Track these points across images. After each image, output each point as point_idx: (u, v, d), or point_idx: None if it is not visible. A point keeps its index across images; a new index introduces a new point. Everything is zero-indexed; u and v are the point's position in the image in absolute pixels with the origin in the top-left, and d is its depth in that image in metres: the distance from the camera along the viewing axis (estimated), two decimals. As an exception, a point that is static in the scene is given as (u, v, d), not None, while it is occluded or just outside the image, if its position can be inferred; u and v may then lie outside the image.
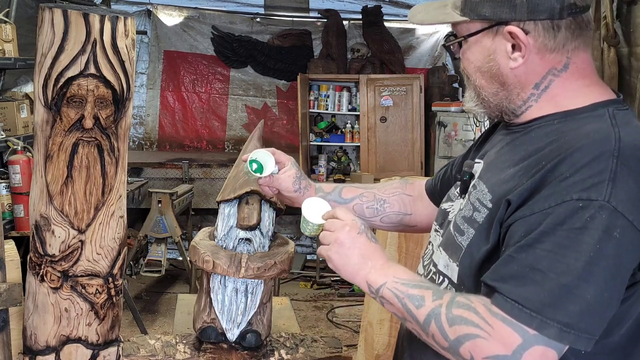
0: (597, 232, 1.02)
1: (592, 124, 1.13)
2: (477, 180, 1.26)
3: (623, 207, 1.02)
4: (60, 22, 1.67)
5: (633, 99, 3.27)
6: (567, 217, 1.03)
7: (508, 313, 1.05)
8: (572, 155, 1.07)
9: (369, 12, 6.85)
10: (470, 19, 1.20)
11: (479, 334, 1.06)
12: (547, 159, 1.10)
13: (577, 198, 1.03)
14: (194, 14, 7.26)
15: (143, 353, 2.03)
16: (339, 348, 2.14)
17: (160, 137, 7.29)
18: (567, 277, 1.02)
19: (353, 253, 1.26)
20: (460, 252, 1.21)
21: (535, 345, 1.03)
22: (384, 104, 6.25)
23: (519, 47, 1.17)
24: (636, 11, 3.29)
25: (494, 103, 1.25)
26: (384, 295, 1.20)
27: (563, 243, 1.03)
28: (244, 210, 2.01)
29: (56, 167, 1.78)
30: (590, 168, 1.05)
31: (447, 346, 1.11)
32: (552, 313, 1.02)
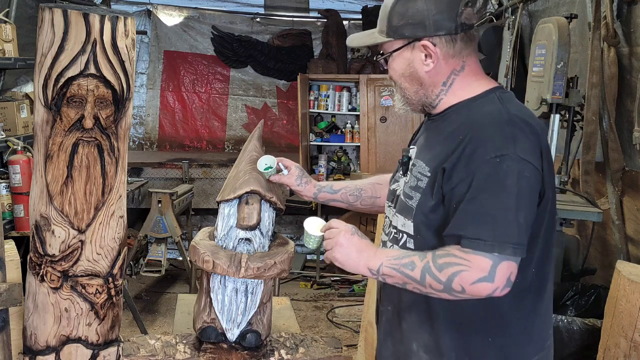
0: (514, 175, 1.43)
1: (488, 106, 1.57)
2: (414, 160, 1.66)
3: (525, 155, 1.45)
4: (60, 22, 1.67)
5: (633, 98, 3.26)
6: (492, 170, 1.44)
7: (476, 248, 1.43)
8: (481, 129, 1.50)
9: (369, 12, 6.85)
10: (395, 39, 1.62)
11: (462, 269, 1.44)
12: (464, 134, 1.51)
13: (494, 156, 1.45)
14: (194, 14, 7.26)
15: (143, 353, 2.03)
16: (339, 348, 2.14)
17: (160, 137, 7.29)
18: (506, 211, 1.43)
19: (351, 250, 1.59)
20: (412, 212, 1.59)
21: (501, 263, 1.43)
22: (384, 104, 6.25)
23: (430, 56, 1.60)
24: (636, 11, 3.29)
25: (415, 100, 1.66)
26: (384, 272, 1.54)
27: (495, 189, 1.44)
28: (244, 210, 2.01)
29: (56, 167, 1.78)
30: (496, 134, 1.47)
31: (442, 288, 1.46)
32: (505, 238, 1.42)
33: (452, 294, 1.46)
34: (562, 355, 2.86)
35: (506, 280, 1.43)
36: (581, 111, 3.56)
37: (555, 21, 3.36)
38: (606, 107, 3.46)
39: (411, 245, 1.61)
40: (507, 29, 5.08)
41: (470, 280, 1.43)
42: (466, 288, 1.44)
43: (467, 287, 1.44)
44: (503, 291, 1.44)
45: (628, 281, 2.49)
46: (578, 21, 3.72)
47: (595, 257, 3.83)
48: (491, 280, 1.42)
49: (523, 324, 1.59)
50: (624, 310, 2.49)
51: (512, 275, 1.44)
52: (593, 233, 3.62)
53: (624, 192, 3.49)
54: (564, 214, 3.16)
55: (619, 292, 2.53)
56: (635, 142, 3.18)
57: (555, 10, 4.37)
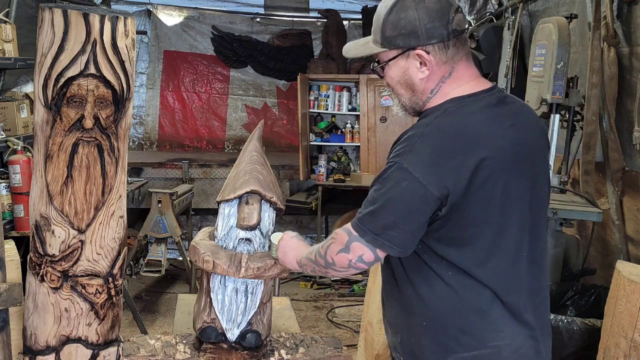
0: (392, 181, 1.59)
1: (429, 116, 1.67)
2: None
3: (412, 168, 1.56)
4: (60, 22, 1.67)
5: (633, 99, 3.26)
6: (384, 171, 1.61)
7: (352, 225, 1.64)
8: (404, 136, 1.65)
9: (369, 12, 6.85)
10: (389, 49, 1.68)
11: (331, 242, 1.69)
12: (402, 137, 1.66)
13: (389, 161, 1.61)
14: (194, 14, 7.26)
15: (143, 353, 2.03)
16: (339, 348, 2.14)
17: (160, 137, 7.29)
18: (375, 206, 1.60)
19: (287, 248, 1.88)
20: None
21: (355, 242, 1.63)
22: (384, 104, 6.24)
23: (425, 63, 1.66)
24: (636, 11, 3.29)
25: (409, 105, 1.75)
26: (302, 262, 1.80)
27: (376, 186, 1.62)
28: (244, 210, 2.01)
29: (56, 167, 1.78)
30: (403, 143, 1.62)
31: (324, 263, 1.70)
32: (368, 225, 1.61)
33: (331, 267, 1.68)
34: (562, 355, 2.86)
35: (358, 257, 1.63)
36: (581, 111, 3.56)
37: (555, 21, 3.36)
38: (606, 107, 3.46)
39: None
40: (507, 29, 5.08)
41: (335, 251, 1.66)
42: (334, 259, 1.66)
43: (334, 257, 1.66)
44: (357, 264, 1.65)
45: (628, 281, 2.49)
46: (578, 21, 3.72)
47: (595, 257, 3.83)
48: (347, 251, 1.64)
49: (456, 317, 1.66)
50: (624, 310, 2.49)
51: (364, 256, 1.63)
52: (593, 233, 3.62)
53: (624, 192, 3.49)
54: (564, 214, 3.15)
55: (619, 292, 2.53)
56: (635, 142, 3.18)
57: (555, 10, 4.37)
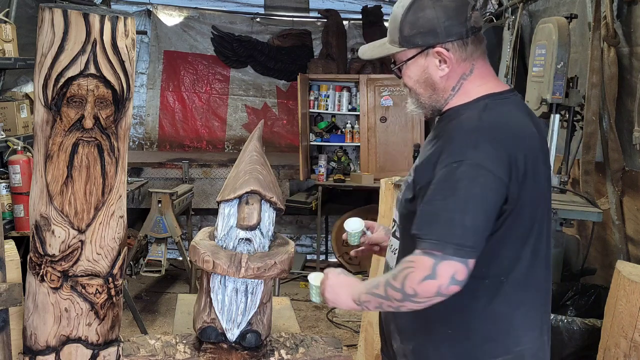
0: (467, 180, 1.50)
1: (469, 112, 1.63)
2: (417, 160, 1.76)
3: (484, 162, 1.51)
4: (60, 22, 1.67)
5: (633, 99, 3.26)
6: (448, 175, 1.52)
7: (425, 248, 1.51)
8: (451, 136, 1.59)
9: (369, 12, 6.84)
10: (408, 48, 1.67)
11: (409, 271, 1.52)
12: (440, 140, 1.62)
13: (453, 161, 1.53)
14: (194, 14, 7.25)
15: (143, 353, 2.03)
16: (339, 348, 2.14)
17: (160, 137, 7.28)
18: (452, 213, 1.50)
19: (337, 288, 1.70)
20: (399, 202, 1.73)
21: (442, 261, 1.48)
22: (384, 104, 6.24)
23: (445, 61, 1.65)
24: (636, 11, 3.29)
25: (428, 104, 1.72)
26: (362, 300, 1.62)
27: (446, 192, 1.52)
28: (244, 210, 2.01)
29: (56, 167, 1.78)
30: (460, 141, 1.56)
31: (401, 296, 1.53)
32: (447, 238, 1.49)
33: (410, 299, 1.52)
34: (562, 355, 2.86)
35: (449, 279, 1.49)
36: (581, 111, 3.56)
37: (555, 21, 3.36)
38: (606, 107, 3.46)
39: (398, 234, 1.75)
40: (507, 29, 5.08)
41: (417, 280, 1.50)
42: (416, 289, 1.50)
43: (416, 287, 1.50)
44: (449, 288, 1.50)
45: (628, 281, 2.49)
46: (578, 21, 3.72)
47: (595, 257, 3.83)
48: (434, 277, 1.49)
49: (482, 325, 1.63)
50: (624, 310, 2.49)
51: (457, 274, 1.49)
52: (593, 233, 3.62)
53: (624, 192, 3.49)
54: (564, 214, 3.15)
55: (619, 292, 2.53)
56: (635, 142, 3.18)
57: (555, 10, 4.37)
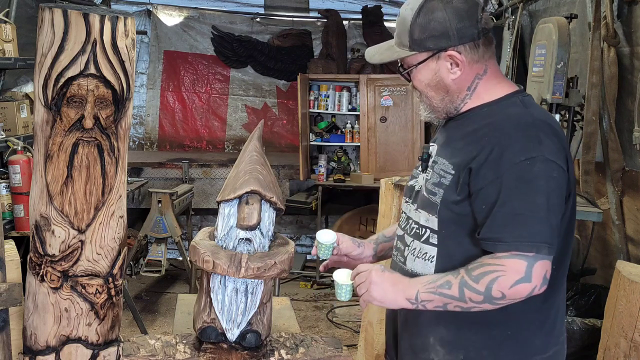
0: (544, 177, 1.49)
1: (511, 108, 1.62)
2: (435, 158, 1.70)
3: (552, 156, 1.51)
4: (60, 22, 1.67)
5: (633, 98, 3.26)
6: (523, 173, 1.49)
7: (513, 251, 1.48)
8: (507, 132, 1.54)
9: (369, 12, 6.84)
10: (419, 52, 1.64)
11: (499, 274, 1.48)
12: (488, 135, 1.56)
13: (524, 159, 1.49)
14: (194, 14, 7.26)
15: (143, 353, 2.03)
16: (339, 348, 2.14)
17: (160, 137, 7.29)
18: (539, 212, 1.48)
19: (386, 286, 1.62)
20: (437, 207, 1.63)
21: (536, 262, 1.48)
22: (384, 104, 6.24)
23: (457, 64, 1.63)
24: (636, 11, 3.29)
25: (441, 107, 1.69)
26: (422, 298, 1.57)
27: (528, 191, 1.49)
28: (244, 210, 2.01)
29: (56, 167, 1.78)
30: (523, 137, 1.52)
31: (482, 298, 1.50)
32: (539, 238, 1.47)
33: (493, 302, 1.50)
34: (562, 355, 2.86)
35: (542, 279, 1.50)
36: (581, 111, 3.56)
37: (555, 21, 3.36)
38: (606, 107, 3.46)
39: (434, 241, 1.65)
40: (507, 29, 5.08)
41: (509, 284, 1.48)
42: (505, 292, 1.49)
43: (506, 291, 1.48)
44: (541, 289, 1.50)
45: (628, 281, 2.49)
46: (578, 21, 3.72)
47: (595, 257, 3.83)
48: (528, 280, 1.48)
49: (540, 318, 1.64)
50: (624, 310, 2.49)
51: (547, 273, 1.50)
52: (593, 233, 3.62)
53: (624, 192, 3.49)
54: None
55: (619, 292, 2.53)
56: (635, 142, 3.18)
57: (556, 10, 4.37)
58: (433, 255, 1.65)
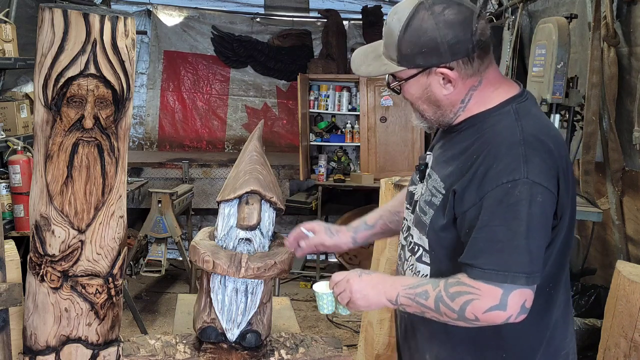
0: (526, 201, 1.40)
1: (502, 122, 1.52)
2: (430, 170, 1.65)
3: (538, 178, 1.41)
4: (60, 22, 1.67)
5: (633, 99, 3.26)
6: (504, 196, 1.41)
7: (487, 279, 1.42)
8: (494, 150, 1.46)
9: (369, 12, 6.84)
10: (408, 68, 1.54)
11: (473, 297, 1.44)
12: (476, 154, 1.48)
13: (506, 181, 1.41)
14: (194, 14, 7.26)
15: (143, 353, 2.03)
16: (339, 348, 2.14)
17: (160, 137, 7.29)
18: (517, 239, 1.40)
19: (367, 290, 1.58)
20: (426, 228, 1.58)
21: (513, 291, 1.41)
22: (384, 104, 6.24)
23: (449, 80, 1.53)
24: (636, 11, 3.29)
25: (434, 119, 1.62)
26: (401, 302, 1.54)
27: (506, 216, 1.41)
28: (244, 210, 2.01)
29: (56, 167, 1.78)
30: (508, 156, 1.43)
31: (456, 316, 1.46)
32: (516, 268, 1.40)
33: (467, 322, 1.47)
34: (562, 355, 2.85)
35: (520, 308, 1.43)
36: (581, 111, 3.56)
37: (555, 21, 3.36)
38: (606, 107, 3.46)
39: (427, 259, 1.61)
40: (507, 29, 5.08)
41: (482, 309, 1.43)
42: (479, 317, 1.44)
43: (479, 315, 1.44)
44: (518, 318, 1.44)
45: (628, 281, 2.49)
46: (578, 21, 3.72)
47: (595, 257, 3.83)
48: (503, 308, 1.42)
49: (537, 337, 1.59)
50: (624, 310, 2.49)
51: (526, 302, 1.43)
52: (593, 233, 3.62)
53: (624, 192, 3.49)
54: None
55: (619, 292, 2.53)
56: (635, 142, 3.17)
57: (555, 10, 4.37)
58: (426, 274, 1.61)
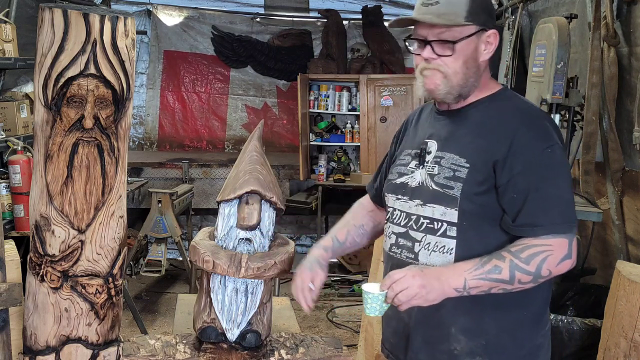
0: (563, 162, 1.64)
1: (513, 101, 1.71)
2: (439, 153, 1.71)
3: (561, 143, 1.65)
4: (60, 22, 1.67)
5: (633, 99, 3.26)
6: (548, 160, 1.60)
7: (555, 232, 1.58)
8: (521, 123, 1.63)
9: (369, 12, 6.84)
10: (473, 24, 1.65)
11: (547, 254, 1.57)
12: (503, 127, 1.63)
13: (546, 147, 1.60)
14: (194, 14, 7.25)
15: (143, 353, 2.03)
16: (339, 348, 2.14)
17: (160, 137, 7.28)
18: (566, 195, 1.61)
19: (433, 283, 1.59)
20: (457, 200, 1.64)
21: (572, 239, 1.60)
22: (384, 104, 6.24)
23: (489, 45, 1.69)
24: (636, 11, 3.28)
25: (461, 85, 1.68)
26: (471, 286, 1.59)
27: (554, 177, 1.60)
28: (244, 210, 2.01)
29: (56, 167, 1.78)
30: (540, 127, 1.64)
31: (530, 278, 1.58)
32: (570, 218, 1.60)
33: (539, 280, 1.59)
34: (562, 355, 2.86)
35: (575, 254, 1.61)
36: (581, 111, 3.56)
37: (555, 21, 3.36)
38: (606, 107, 3.46)
39: (452, 233, 1.66)
40: (507, 29, 5.08)
41: (556, 262, 1.58)
42: (552, 270, 1.58)
43: (553, 269, 1.58)
44: (574, 264, 1.61)
45: (628, 281, 2.49)
46: (578, 21, 3.72)
47: (595, 257, 3.83)
48: (570, 256, 1.59)
49: (545, 293, 1.74)
50: (624, 310, 2.49)
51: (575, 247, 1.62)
52: (593, 233, 3.61)
53: (624, 192, 3.49)
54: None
55: (619, 292, 2.53)
56: (635, 142, 3.17)
57: (555, 10, 4.37)
58: (452, 247, 1.67)
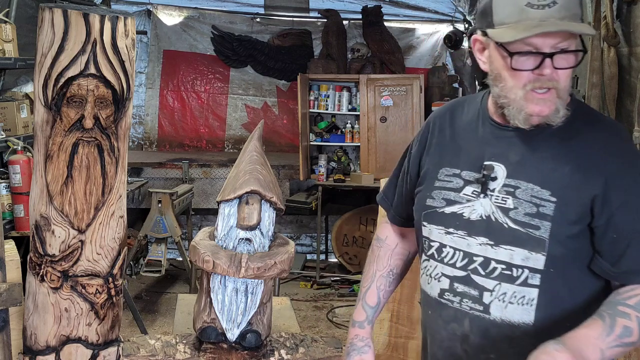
0: None
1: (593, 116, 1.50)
2: (510, 181, 1.45)
3: None
4: (60, 22, 1.67)
5: (633, 99, 3.26)
6: None
7: None
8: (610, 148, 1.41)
9: (369, 12, 6.84)
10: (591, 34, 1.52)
11: None
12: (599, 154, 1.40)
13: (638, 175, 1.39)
14: (194, 14, 7.25)
15: (143, 353, 2.03)
16: (339, 348, 2.14)
17: (160, 137, 7.28)
18: None
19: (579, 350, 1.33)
20: (545, 243, 1.40)
21: None
22: (384, 104, 6.24)
23: None
24: (636, 11, 3.29)
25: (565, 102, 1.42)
26: (608, 355, 1.36)
27: None
28: (244, 210, 2.01)
29: (56, 167, 1.78)
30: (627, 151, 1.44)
31: None
32: None
33: None
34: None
35: None
36: (581, 111, 3.56)
37: (555, 21, 3.36)
38: (606, 107, 3.46)
39: (535, 281, 1.43)
40: (507, 29, 5.07)
41: None
42: None
43: None
44: None
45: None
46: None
47: (595, 257, 3.83)
48: None
49: None
50: (624, 310, 2.48)
51: None
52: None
53: (624, 192, 3.49)
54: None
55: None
56: (635, 142, 3.18)
57: (555, 10, 4.37)
58: (533, 297, 1.44)
